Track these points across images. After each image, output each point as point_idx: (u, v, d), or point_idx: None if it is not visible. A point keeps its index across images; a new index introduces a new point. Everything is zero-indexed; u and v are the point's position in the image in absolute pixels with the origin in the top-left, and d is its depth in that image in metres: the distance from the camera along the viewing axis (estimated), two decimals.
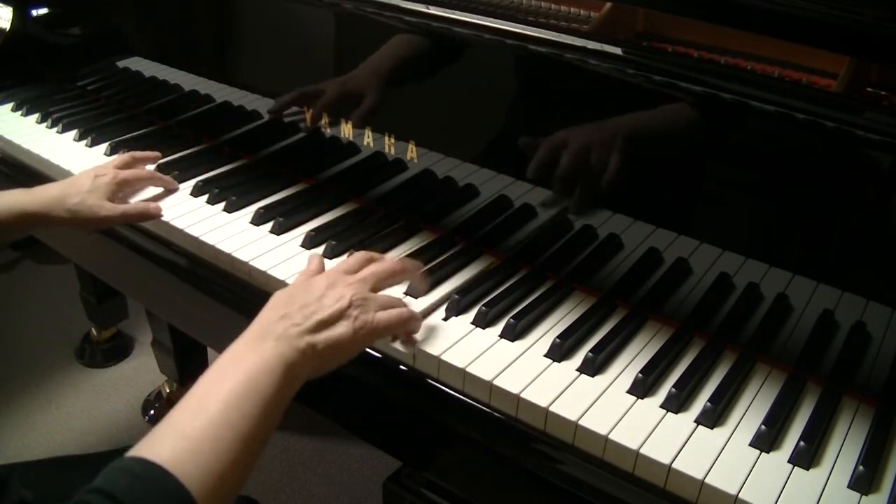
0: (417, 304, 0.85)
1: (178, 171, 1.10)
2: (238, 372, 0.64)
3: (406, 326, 0.78)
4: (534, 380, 0.75)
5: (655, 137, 0.81)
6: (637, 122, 0.81)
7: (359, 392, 0.87)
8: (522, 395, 0.73)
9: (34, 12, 1.41)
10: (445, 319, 0.83)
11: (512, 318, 0.81)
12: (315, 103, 1.04)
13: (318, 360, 0.69)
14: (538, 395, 0.73)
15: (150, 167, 1.10)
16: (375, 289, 0.76)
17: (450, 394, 0.77)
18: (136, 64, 1.29)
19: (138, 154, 1.09)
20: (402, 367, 0.80)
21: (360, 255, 0.80)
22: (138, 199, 1.05)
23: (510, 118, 0.91)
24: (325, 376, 0.69)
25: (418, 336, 0.80)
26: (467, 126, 0.95)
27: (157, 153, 1.12)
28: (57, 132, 1.24)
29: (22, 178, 1.19)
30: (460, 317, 0.84)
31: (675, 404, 0.72)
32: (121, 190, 1.01)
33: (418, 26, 0.91)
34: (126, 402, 1.85)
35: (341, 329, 0.70)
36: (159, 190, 1.07)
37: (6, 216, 0.93)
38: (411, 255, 0.91)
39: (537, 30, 0.84)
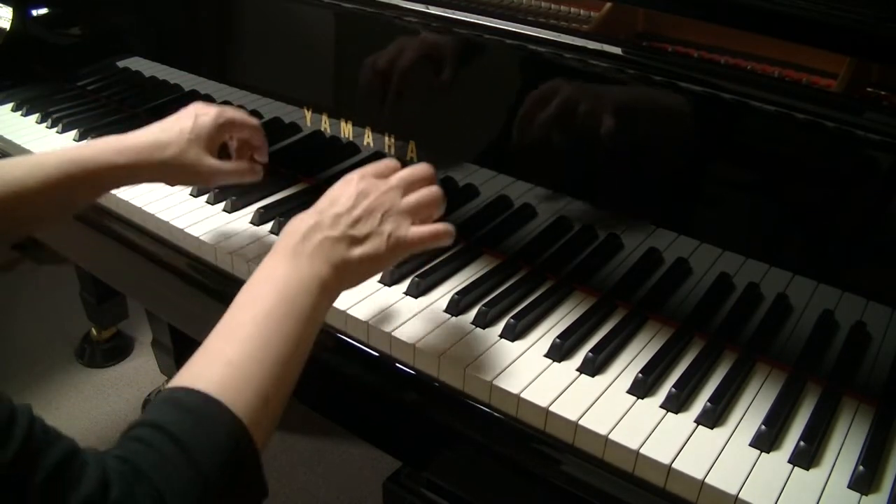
0: (417, 304, 0.85)
1: None
2: (274, 292, 0.63)
3: (439, 242, 0.74)
4: (534, 380, 0.75)
5: (655, 138, 0.81)
6: (636, 122, 0.81)
7: (359, 392, 0.87)
8: (522, 396, 0.73)
9: (34, 12, 1.41)
10: (445, 320, 0.83)
11: (512, 318, 0.81)
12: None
13: (351, 276, 0.69)
14: (538, 395, 0.73)
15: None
16: (407, 194, 0.73)
17: (450, 394, 0.77)
18: (136, 64, 1.29)
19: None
20: (402, 366, 0.80)
21: (389, 162, 0.76)
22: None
23: (510, 118, 0.90)
24: (325, 376, 0.69)
25: (418, 337, 0.80)
26: (467, 126, 0.95)
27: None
28: (57, 132, 1.24)
29: None
30: (460, 317, 0.84)
31: (675, 404, 0.72)
32: (222, 135, 0.88)
33: (418, 26, 0.91)
34: (126, 402, 1.85)
35: (374, 245, 0.69)
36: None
37: (86, 170, 0.78)
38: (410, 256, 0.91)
39: (537, 30, 0.84)
